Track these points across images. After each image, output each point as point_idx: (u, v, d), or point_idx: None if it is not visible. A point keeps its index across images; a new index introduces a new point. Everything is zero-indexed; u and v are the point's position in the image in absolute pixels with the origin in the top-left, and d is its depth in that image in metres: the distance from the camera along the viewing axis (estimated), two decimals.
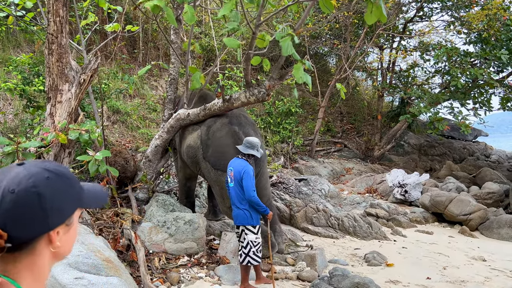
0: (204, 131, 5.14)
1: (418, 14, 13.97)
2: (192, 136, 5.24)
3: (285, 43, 3.85)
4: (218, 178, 4.92)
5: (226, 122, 5.09)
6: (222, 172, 4.85)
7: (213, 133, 5.06)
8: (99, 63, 4.26)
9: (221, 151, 4.92)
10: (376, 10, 3.85)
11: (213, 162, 4.94)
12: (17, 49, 9.99)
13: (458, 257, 5.92)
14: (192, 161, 5.23)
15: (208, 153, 5.00)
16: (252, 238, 4.23)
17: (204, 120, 5.28)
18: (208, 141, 5.04)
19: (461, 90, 11.76)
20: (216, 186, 5.04)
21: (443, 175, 12.77)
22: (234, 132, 4.98)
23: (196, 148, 5.13)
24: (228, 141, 4.94)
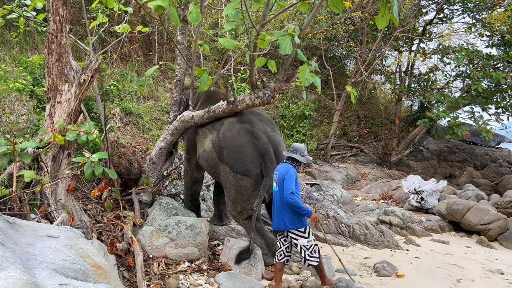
0: (215, 134, 4.98)
1: (438, 16, 13.58)
2: (205, 140, 5.10)
3: (284, 42, 3.70)
4: (237, 182, 4.71)
5: (234, 121, 4.92)
6: (241, 175, 4.66)
7: (223, 134, 4.88)
8: (100, 63, 4.19)
9: (237, 151, 4.72)
10: (387, 14, 3.67)
11: (231, 164, 4.72)
12: (34, 50, 10.13)
13: (474, 269, 5.63)
14: (208, 165, 5.06)
15: (223, 155, 4.80)
16: (303, 242, 4.17)
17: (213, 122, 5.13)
18: (221, 143, 4.85)
19: (482, 95, 11.37)
20: (232, 190, 4.81)
21: (463, 182, 12.35)
22: (247, 129, 4.79)
23: (209, 151, 4.97)
24: (243, 140, 4.74)
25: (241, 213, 4.82)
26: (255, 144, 4.71)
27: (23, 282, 2.32)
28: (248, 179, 4.65)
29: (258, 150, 4.68)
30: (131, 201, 5.51)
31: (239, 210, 4.79)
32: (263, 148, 4.70)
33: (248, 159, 4.64)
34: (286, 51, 3.50)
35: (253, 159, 4.65)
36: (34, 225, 3.05)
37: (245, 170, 4.64)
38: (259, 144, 4.71)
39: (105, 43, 10.38)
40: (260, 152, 4.68)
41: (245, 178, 4.65)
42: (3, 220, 2.73)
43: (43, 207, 3.56)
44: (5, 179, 3.66)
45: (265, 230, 4.91)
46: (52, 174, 3.91)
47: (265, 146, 4.72)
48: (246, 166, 4.64)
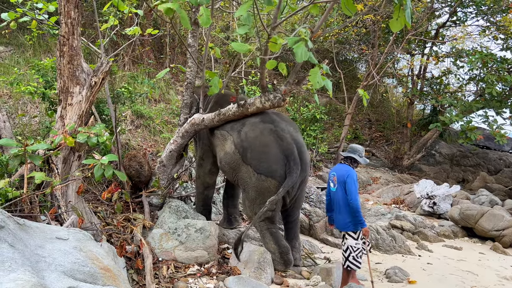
0: (236, 135, 4.85)
1: (452, 19, 13.43)
2: (226, 143, 4.95)
3: (299, 50, 3.65)
4: (259, 183, 4.60)
5: (257, 121, 4.81)
6: (265, 177, 4.55)
7: (246, 134, 4.76)
8: (111, 66, 4.20)
9: (262, 151, 4.60)
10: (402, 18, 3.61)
11: (255, 165, 4.61)
12: (47, 53, 10.24)
13: (488, 276, 5.51)
14: (231, 167, 4.92)
15: (247, 156, 4.67)
16: (352, 243, 4.37)
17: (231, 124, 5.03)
18: (244, 144, 4.72)
19: (496, 98, 11.18)
20: (252, 192, 4.69)
21: (477, 187, 12.16)
22: (270, 130, 4.68)
23: (232, 154, 4.83)
24: (267, 140, 4.63)
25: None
26: (280, 144, 4.59)
27: (32, 284, 2.31)
28: (272, 181, 4.54)
29: (283, 150, 4.56)
30: (141, 204, 5.50)
31: (256, 212, 4.66)
32: (287, 148, 4.58)
33: (273, 160, 4.53)
34: (302, 58, 3.46)
35: (278, 159, 4.54)
36: (44, 227, 3.05)
37: (269, 172, 4.53)
38: (283, 144, 4.59)
39: (117, 46, 10.46)
40: (284, 152, 4.56)
41: (269, 180, 4.54)
42: (13, 221, 2.74)
43: (53, 209, 3.57)
44: (16, 181, 3.68)
45: (280, 237, 4.81)
46: (63, 176, 3.92)
47: (289, 147, 4.61)
48: (271, 167, 4.53)
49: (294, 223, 5.11)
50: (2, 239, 2.52)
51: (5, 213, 2.70)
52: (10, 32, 9.10)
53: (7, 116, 4.22)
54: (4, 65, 8.86)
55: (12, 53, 9.62)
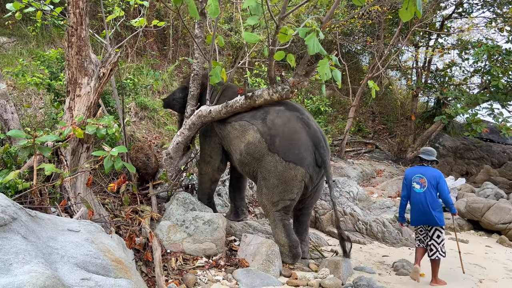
0: (260, 123, 4.68)
1: (457, 11, 13.30)
2: (248, 133, 4.75)
3: (311, 42, 3.60)
4: (286, 171, 4.45)
5: (282, 109, 4.71)
6: (294, 164, 4.43)
7: (273, 122, 4.61)
8: (119, 57, 4.16)
9: (291, 138, 4.49)
10: (412, 6, 3.56)
11: (284, 153, 4.47)
12: (50, 44, 10.17)
13: (496, 269, 5.51)
14: (253, 158, 4.73)
15: (276, 144, 4.52)
16: (443, 237, 4.90)
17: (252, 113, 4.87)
18: (271, 131, 4.57)
19: (502, 91, 11.10)
20: (274, 179, 4.54)
21: (480, 180, 12.13)
22: (297, 117, 4.59)
23: (257, 143, 4.64)
24: (296, 126, 4.52)
25: (276, 203, 4.62)
26: (308, 131, 4.52)
27: (46, 277, 2.29)
28: (300, 169, 4.44)
29: (311, 138, 4.49)
30: (148, 196, 5.49)
31: (275, 200, 4.59)
32: (315, 136, 4.52)
33: (303, 147, 4.44)
34: (315, 51, 3.41)
35: (307, 147, 4.46)
36: (55, 218, 3.03)
37: (299, 159, 4.42)
38: (311, 131, 4.52)
39: (120, 37, 10.40)
40: (313, 139, 4.49)
41: (297, 168, 4.43)
42: (25, 213, 2.72)
43: (63, 201, 3.55)
44: (25, 172, 3.66)
45: (292, 230, 4.76)
46: (72, 167, 3.90)
47: (317, 134, 4.55)
48: (300, 154, 4.42)
49: (307, 216, 5.11)
50: (15, 231, 2.51)
51: (17, 204, 2.68)
52: (13, 23, 9.03)
53: (14, 108, 4.18)
54: (7, 56, 8.81)
55: (15, 44, 9.56)
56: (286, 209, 4.66)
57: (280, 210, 4.64)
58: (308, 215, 5.10)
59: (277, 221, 4.68)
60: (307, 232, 5.11)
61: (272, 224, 4.81)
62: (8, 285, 2.08)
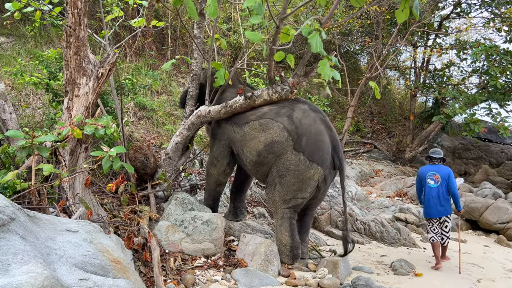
0: (286, 121, 4.64)
1: (455, 11, 13.33)
2: (271, 131, 4.68)
3: (313, 40, 3.61)
4: (307, 171, 4.48)
5: (307, 109, 4.72)
6: (316, 165, 4.48)
7: (300, 121, 4.60)
8: (117, 57, 4.15)
9: (317, 139, 4.53)
10: (407, 8, 3.58)
11: (309, 152, 4.49)
12: (49, 44, 10.16)
13: (494, 269, 5.52)
14: (275, 155, 4.67)
15: (302, 143, 4.53)
16: (450, 224, 5.70)
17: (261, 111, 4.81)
18: (299, 130, 4.56)
19: (500, 91, 11.12)
20: (292, 178, 4.54)
21: (479, 180, 12.16)
22: (321, 119, 4.66)
23: (284, 141, 4.60)
24: (321, 128, 4.59)
25: (288, 201, 4.64)
26: (329, 134, 4.61)
27: (45, 277, 2.29)
28: (320, 170, 4.52)
29: (332, 141, 4.58)
30: (146, 196, 5.49)
31: (288, 198, 4.62)
32: (335, 138, 4.63)
33: (325, 149, 4.53)
34: (318, 49, 3.42)
35: (328, 149, 4.56)
36: (54, 219, 3.03)
37: (321, 160, 4.50)
38: (332, 134, 4.62)
39: (118, 37, 10.38)
40: (332, 142, 4.58)
41: (318, 168, 4.50)
42: (23, 213, 2.72)
43: (61, 201, 3.55)
44: (23, 173, 3.66)
45: (296, 231, 4.77)
46: (70, 168, 3.90)
47: (336, 137, 4.66)
48: (323, 156, 4.51)
49: (310, 217, 5.16)
50: (13, 231, 2.50)
51: (16, 205, 2.68)
52: (11, 22, 9.01)
53: (13, 108, 4.18)
54: (5, 56, 8.80)
55: (13, 44, 9.54)
56: (296, 207, 4.70)
57: (290, 207, 4.68)
58: (311, 216, 5.14)
59: (285, 218, 4.69)
60: (308, 233, 5.13)
61: (278, 221, 4.79)
62: (7, 286, 2.08)
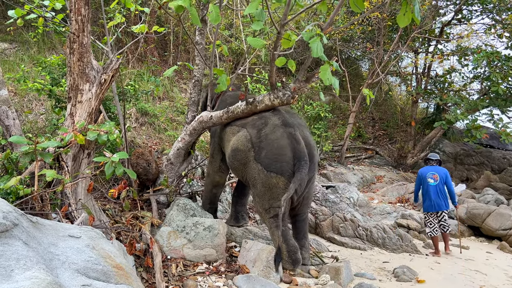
0: (255, 133, 4.84)
1: (457, 17, 13.37)
2: (238, 139, 4.94)
3: (315, 44, 3.63)
4: (268, 180, 4.66)
5: (279, 124, 4.83)
6: (275, 174, 4.61)
7: (266, 136, 4.77)
8: (120, 63, 4.18)
9: (277, 153, 4.65)
10: (409, 13, 3.60)
11: (267, 164, 4.67)
12: (51, 51, 10.23)
13: (496, 275, 5.49)
14: (240, 163, 4.94)
15: (261, 155, 4.72)
16: (447, 217, 6.60)
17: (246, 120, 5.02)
18: (261, 144, 4.75)
19: (502, 97, 11.14)
20: (261, 187, 4.74)
21: (481, 186, 12.13)
22: (289, 134, 4.73)
23: (246, 150, 4.84)
24: (284, 143, 4.68)
25: (268, 210, 4.73)
26: (295, 148, 4.67)
27: (47, 283, 2.29)
28: (281, 177, 4.61)
29: (295, 154, 4.65)
30: (148, 202, 5.49)
31: (266, 208, 4.71)
32: (301, 151, 4.67)
33: (286, 161, 4.62)
34: (318, 54, 3.44)
35: (289, 161, 4.63)
36: (56, 224, 3.03)
37: (280, 170, 4.61)
38: (299, 148, 4.67)
39: (121, 44, 10.44)
40: (296, 155, 4.65)
41: (278, 177, 4.60)
42: (26, 219, 2.72)
43: (64, 207, 3.55)
44: (26, 178, 3.67)
45: (289, 235, 4.79)
46: (73, 173, 3.91)
47: (303, 150, 4.69)
48: (282, 167, 4.61)
49: (303, 222, 5.10)
50: (16, 237, 2.51)
51: (18, 210, 2.68)
52: (14, 29, 9.07)
53: (16, 114, 4.20)
54: (8, 62, 8.85)
55: (16, 50, 9.60)
56: (278, 216, 4.71)
57: (273, 217, 4.72)
58: (304, 221, 5.11)
59: (273, 228, 4.74)
60: (307, 238, 5.10)
61: (269, 231, 4.86)
62: None
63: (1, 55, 8.94)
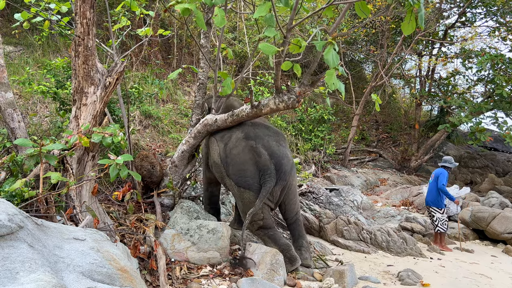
0: (222, 148, 5.05)
1: (460, 20, 13.36)
2: (214, 153, 5.17)
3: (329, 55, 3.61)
4: (241, 194, 4.85)
5: (241, 137, 4.95)
6: (244, 189, 4.79)
7: (230, 151, 4.95)
8: (125, 66, 4.19)
9: (240, 168, 4.82)
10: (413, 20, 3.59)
11: (235, 179, 4.86)
12: (56, 53, 10.27)
13: (502, 279, 5.46)
14: (219, 176, 5.18)
15: (229, 171, 4.92)
16: (439, 216, 7.06)
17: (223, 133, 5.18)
18: (227, 159, 4.94)
19: (506, 99, 11.10)
20: (239, 202, 4.99)
21: (485, 189, 12.08)
22: (251, 147, 4.84)
23: (219, 165, 5.06)
24: (246, 157, 4.82)
25: (252, 224, 4.88)
26: (257, 161, 4.78)
27: (52, 285, 2.30)
28: (250, 192, 4.77)
29: (259, 167, 4.77)
30: (152, 204, 5.50)
31: (249, 221, 4.83)
32: (264, 164, 4.77)
33: (250, 176, 4.76)
34: (335, 64, 3.44)
35: (254, 175, 4.78)
36: (61, 227, 3.04)
37: (247, 185, 4.77)
38: (260, 161, 4.78)
39: (125, 46, 10.48)
40: (260, 168, 4.77)
41: (247, 192, 4.78)
42: (31, 222, 2.73)
43: (69, 210, 3.56)
44: (31, 181, 3.68)
45: (278, 236, 4.87)
46: (77, 176, 3.92)
47: (266, 163, 4.77)
48: (248, 181, 4.77)
49: (295, 224, 5.17)
50: (21, 240, 2.51)
51: (24, 213, 2.69)
52: (20, 32, 9.12)
53: (21, 116, 4.22)
54: (14, 65, 8.90)
55: (21, 53, 9.66)
56: (262, 227, 4.88)
57: (258, 230, 4.90)
58: (295, 223, 5.16)
59: (262, 237, 4.91)
60: (303, 238, 5.10)
61: (262, 241, 5.00)
62: None
63: (6, 58, 8.98)
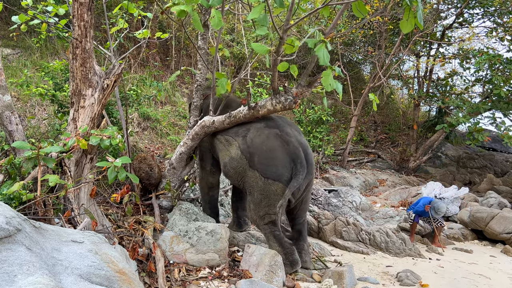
0: (241, 141, 4.85)
1: (458, 21, 13.39)
2: (231, 148, 4.95)
3: (320, 52, 3.63)
4: (266, 187, 4.61)
5: (262, 127, 4.82)
6: (272, 181, 4.57)
7: (252, 140, 4.76)
8: (123, 68, 4.19)
9: (268, 156, 4.61)
10: (412, 18, 3.59)
11: (262, 170, 4.62)
12: (54, 56, 10.26)
13: (501, 279, 5.46)
14: (236, 172, 4.91)
15: (254, 161, 4.68)
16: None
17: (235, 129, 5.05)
18: (250, 149, 4.73)
19: (504, 100, 11.12)
20: (258, 194, 4.70)
21: (484, 189, 12.09)
22: (276, 134, 4.70)
23: (239, 159, 4.82)
24: (274, 144, 4.64)
25: (263, 217, 4.74)
26: (286, 148, 4.61)
27: None
28: (279, 184, 4.56)
29: (289, 154, 4.59)
30: (150, 206, 5.50)
31: (261, 215, 4.71)
32: (293, 152, 4.61)
33: (280, 164, 4.56)
34: (325, 62, 3.44)
35: (285, 163, 4.57)
36: (59, 229, 3.03)
37: (277, 175, 4.55)
38: (289, 148, 4.61)
39: (123, 49, 10.48)
40: (291, 156, 4.59)
41: (276, 183, 4.56)
42: (29, 224, 2.72)
43: (67, 212, 3.56)
44: (29, 183, 3.67)
45: (283, 238, 4.78)
46: (75, 178, 3.91)
47: (295, 150, 4.62)
48: (278, 171, 4.56)
49: (301, 225, 5.10)
50: (19, 242, 2.51)
51: (22, 216, 2.69)
52: (17, 34, 9.12)
53: (19, 119, 4.21)
54: (11, 68, 8.89)
55: (19, 55, 9.65)
56: (273, 222, 4.74)
57: (268, 223, 4.73)
58: (302, 224, 5.10)
59: (268, 233, 4.76)
60: (306, 241, 5.08)
61: (265, 237, 4.89)
62: None
63: (4, 61, 8.98)
